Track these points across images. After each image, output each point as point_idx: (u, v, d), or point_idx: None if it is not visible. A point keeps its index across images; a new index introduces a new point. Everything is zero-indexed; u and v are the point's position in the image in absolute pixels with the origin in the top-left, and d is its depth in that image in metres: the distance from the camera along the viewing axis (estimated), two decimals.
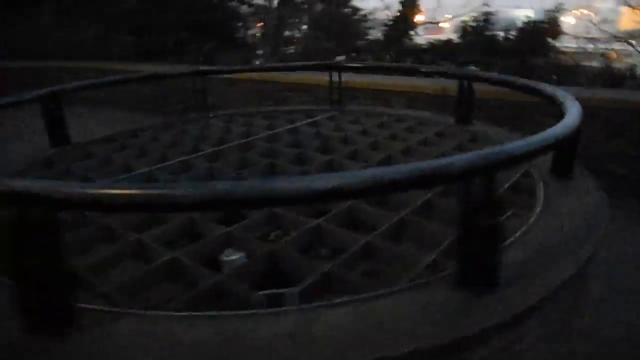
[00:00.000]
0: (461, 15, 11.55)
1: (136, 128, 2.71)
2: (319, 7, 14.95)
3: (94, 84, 2.52)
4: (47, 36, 10.06)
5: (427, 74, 2.90)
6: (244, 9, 15.53)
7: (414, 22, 10.21)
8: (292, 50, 15.50)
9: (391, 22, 11.33)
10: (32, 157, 2.24)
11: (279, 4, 15.74)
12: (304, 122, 2.73)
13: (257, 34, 16.14)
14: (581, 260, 1.19)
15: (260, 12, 15.78)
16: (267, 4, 15.97)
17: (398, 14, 10.58)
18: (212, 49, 8.80)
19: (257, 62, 14.96)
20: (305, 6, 15.50)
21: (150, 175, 1.99)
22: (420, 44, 11.68)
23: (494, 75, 2.22)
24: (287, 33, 15.89)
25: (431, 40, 12.47)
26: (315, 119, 2.81)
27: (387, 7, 11.69)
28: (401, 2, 10.33)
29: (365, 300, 1.04)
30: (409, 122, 2.67)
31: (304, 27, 15.50)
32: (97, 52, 8.63)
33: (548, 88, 1.75)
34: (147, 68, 7.41)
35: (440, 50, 11.94)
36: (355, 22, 13.06)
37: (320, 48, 13.82)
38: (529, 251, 1.22)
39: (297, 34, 15.67)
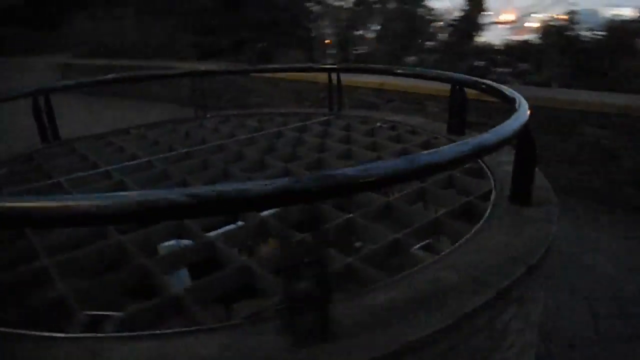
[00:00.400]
0: (539, 14, 10.67)
1: (129, 127, 2.76)
2: (392, 6, 14.61)
3: (82, 82, 2.60)
4: (127, 35, 10.83)
5: (408, 76, 2.65)
6: (316, 8, 15.62)
7: (479, 21, 9.55)
8: (365, 50, 15.36)
9: (454, 23, 10.75)
10: (18, 151, 2.34)
11: (353, 3, 15.66)
12: (290, 126, 2.62)
13: (328, 33, 16.14)
14: (463, 310, 0.97)
15: (332, 12, 15.79)
16: (340, 3, 15.96)
17: (463, 13, 9.96)
18: (272, 48, 8.90)
19: (330, 62, 15.00)
20: (379, 6, 15.21)
21: (106, 174, 2.00)
22: (492, 44, 10.98)
23: (479, 80, 1.94)
24: (359, 32, 15.74)
25: (507, 41, 11.72)
26: (306, 123, 2.68)
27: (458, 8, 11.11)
28: (468, 1, 9.70)
29: (176, 336, 0.92)
30: (399, 130, 2.45)
31: (376, 27, 15.21)
32: (165, 51, 9.10)
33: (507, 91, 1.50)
34: (204, 67, 7.68)
35: (516, 51, 11.19)
36: (426, 22, 12.57)
37: (389, 48, 13.54)
38: (405, 295, 1.02)
39: (368, 34, 15.43)
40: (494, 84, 1.75)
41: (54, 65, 10.34)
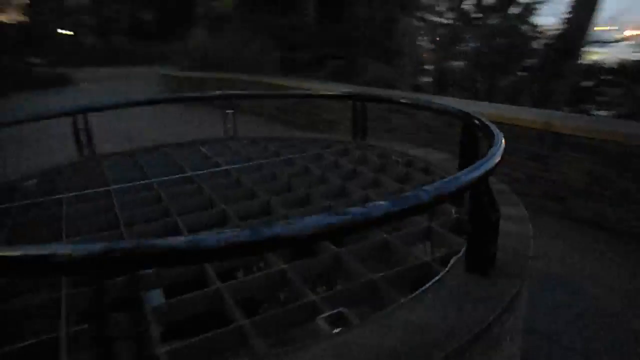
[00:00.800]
0: None
1: (159, 145, 2.89)
2: (494, 22, 13.85)
3: (119, 103, 2.79)
4: (226, 49, 11.54)
5: (414, 107, 2.42)
6: (415, 23, 15.33)
7: (582, 38, 8.56)
8: (461, 66, 14.80)
9: (551, 41, 9.82)
10: (54, 164, 2.56)
11: (453, 19, 15.18)
12: (304, 154, 2.55)
13: (426, 49, 15.75)
14: None
15: (430, 27, 15.42)
16: (440, 19, 15.55)
17: (563, 28, 9.01)
18: (355, 63, 8.91)
19: (424, 78, 14.68)
20: (480, 22, 14.52)
21: (106, 193, 2.10)
22: (602, 63, 9.91)
23: (476, 116, 1.71)
24: (457, 48, 15.18)
25: (622, 60, 10.50)
26: (322, 152, 2.60)
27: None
28: (567, 19, 8.73)
29: None
30: (412, 167, 2.27)
31: (475, 44, 14.51)
32: (255, 66, 9.55)
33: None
34: (289, 83, 7.90)
35: (631, 71, 9.98)
36: (527, 39, 11.69)
37: (486, 64, 12.86)
38: None
39: (465, 48, 14.79)
40: (487, 123, 1.55)
41: (156, 75, 11.36)
